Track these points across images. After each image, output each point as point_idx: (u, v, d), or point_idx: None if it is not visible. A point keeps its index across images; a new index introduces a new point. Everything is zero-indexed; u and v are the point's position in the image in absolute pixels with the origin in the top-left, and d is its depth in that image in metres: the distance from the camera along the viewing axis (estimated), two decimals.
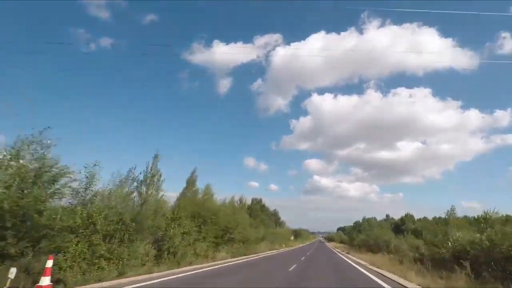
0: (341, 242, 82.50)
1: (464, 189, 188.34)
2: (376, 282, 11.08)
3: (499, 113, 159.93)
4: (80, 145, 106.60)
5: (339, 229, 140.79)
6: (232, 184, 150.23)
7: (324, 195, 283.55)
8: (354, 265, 18.66)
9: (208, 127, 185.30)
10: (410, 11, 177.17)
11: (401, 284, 10.49)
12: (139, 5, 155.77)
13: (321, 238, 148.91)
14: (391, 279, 11.70)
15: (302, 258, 22.99)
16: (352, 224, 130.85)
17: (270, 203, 73.77)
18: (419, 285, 10.29)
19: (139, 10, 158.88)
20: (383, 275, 13.13)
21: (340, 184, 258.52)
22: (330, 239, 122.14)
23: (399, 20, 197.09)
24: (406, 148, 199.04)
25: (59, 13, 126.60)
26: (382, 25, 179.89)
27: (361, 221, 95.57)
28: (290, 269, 14.49)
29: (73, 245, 8.73)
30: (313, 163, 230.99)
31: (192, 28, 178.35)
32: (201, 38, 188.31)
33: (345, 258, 25.22)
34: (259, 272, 13.56)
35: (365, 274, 13.70)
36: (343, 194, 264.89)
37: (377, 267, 16.31)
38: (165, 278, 10.39)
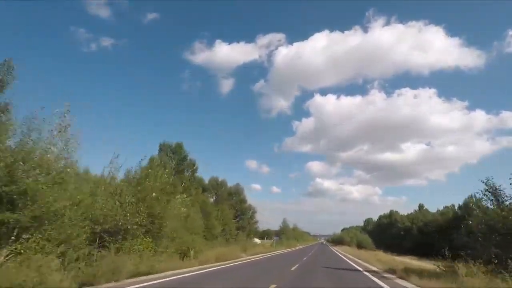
0: (360, 246, 61.57)
1: (469, 191, 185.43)
2: None
3: (505, 114, 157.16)
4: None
5: (344, 230, 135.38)
6: None
7: (326, 197, 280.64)
8: None
9: (209, 128, 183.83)
10: (416, 9, 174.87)
11: None
12: (140, 4, 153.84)
13: (323, 240, 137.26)
14: None
15: None
16: (357, 225, 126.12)
17: (272, 206, 65.88)
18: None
19: (140, 9, 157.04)
20: None
21: (343, 187, 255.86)
22: (337, 241, 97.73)
23: (404, 18, 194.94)
24: (410, 150, 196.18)
25: (59, 12, 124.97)
26: (388, 23, 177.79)
27: (374, 219, 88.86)
28: None
29: None
30: (315, 165, 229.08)
31: (194, 28, 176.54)
32: (203, 37, 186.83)
33: None
34: None
35: None
36: (346, 197, 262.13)
37: None
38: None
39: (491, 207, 13.47)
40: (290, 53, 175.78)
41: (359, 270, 16.84)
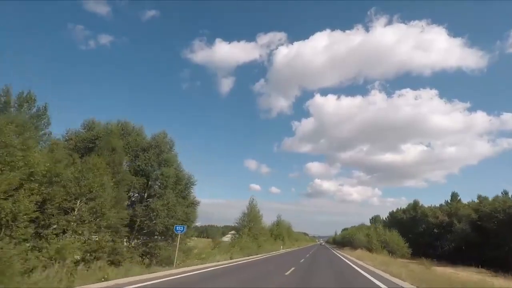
0: (385, 248, 41.68)
1: (469, 193, 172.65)
2: None
3: (506, 116, 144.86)
4: None
5: (345, 230, 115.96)
6: (232, 186, 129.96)
7: (325, 198, 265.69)
8: None
9: (209, 128, 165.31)
10: (418, 8, 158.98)
11: None
12: (139, 1, 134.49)
13: (322, 241, 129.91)
14: None
15: None
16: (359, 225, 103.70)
17: (271, 206, 43.41)
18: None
19: (139, 6, 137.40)
20: None
21: (342, 188, 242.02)
22: (340, 243, 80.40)
23: (407, 17, 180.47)
24: (411, 151, 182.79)
25: (56, 9, 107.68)
26: (390, 22, 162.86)
27: (382, 217, 69.06)
28: None
29: None
30: (315, 166, 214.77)
31: (194, 26, 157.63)
32: (203, 35, 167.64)
33: None
34: None
35: None
36: (345, 198, 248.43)
37: None
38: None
39: None
40: (290, 53, 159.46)
41: None
